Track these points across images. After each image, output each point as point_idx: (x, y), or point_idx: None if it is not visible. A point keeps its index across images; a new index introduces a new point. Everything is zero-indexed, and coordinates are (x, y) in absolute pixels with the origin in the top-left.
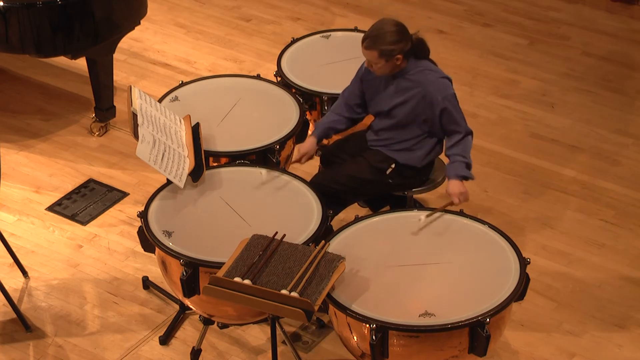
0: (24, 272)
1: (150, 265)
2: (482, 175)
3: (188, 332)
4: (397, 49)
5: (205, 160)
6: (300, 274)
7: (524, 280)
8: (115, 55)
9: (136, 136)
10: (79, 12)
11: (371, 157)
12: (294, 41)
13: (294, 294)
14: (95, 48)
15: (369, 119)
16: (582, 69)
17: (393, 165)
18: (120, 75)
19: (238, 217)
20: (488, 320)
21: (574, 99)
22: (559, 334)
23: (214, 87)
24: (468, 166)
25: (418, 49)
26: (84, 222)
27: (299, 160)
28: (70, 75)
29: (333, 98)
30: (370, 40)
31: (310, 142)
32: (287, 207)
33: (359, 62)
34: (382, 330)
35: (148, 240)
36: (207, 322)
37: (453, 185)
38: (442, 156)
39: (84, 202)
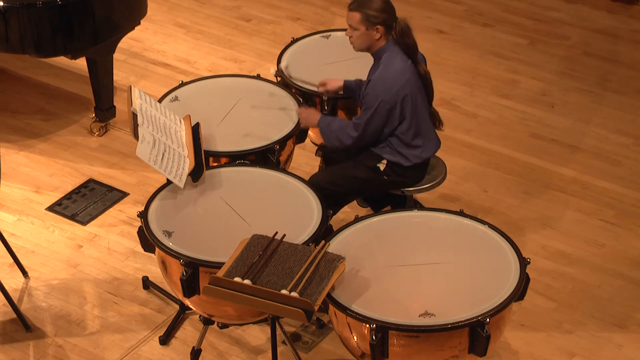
0: (24, 272)
1: (150, 265)
2: (482, 175)
3: (188, 332)
4: (380, 18)
5: (205, 160)
6: (300, 274)
7: (524, 280)
8: (115, 55)
9: (136, 136)
10: (79, 12)
11: (364, 156)
12: (294, 41)
13: (294, 294)
14: (95, 48)
15: None
16: (582, 69)
17: (385, 162)
18: (120, 75)
19: (238, 217)
20: (488, 320)
21: (574, 99)
22: (559, 334)
23: (214, 87)
24: (323, 128)
25: (401, 33)
26: (84, 222)
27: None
28: (70, 75)
29: (333, 98)
30: (357, 2)
31: (337, 80)
32: (287, 207)
33: (359, 62)
34: (382, 330)
35: (148, 240)
36: (207, 322)
37: (312, 114)
38: (439, 153)
39: (84, 202)
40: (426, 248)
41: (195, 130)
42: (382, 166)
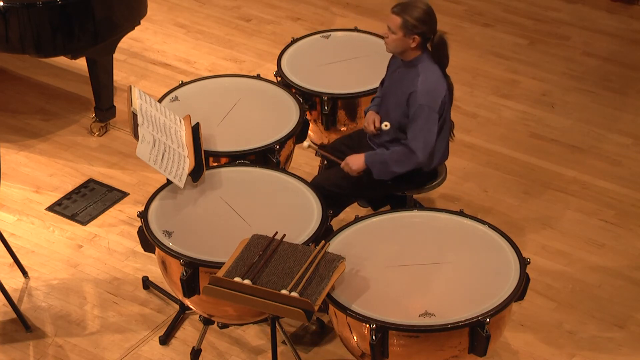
0: (24, 272)
1: (150, 265)
2: (482, 175)
3: (188, 332)
4: (419, 28)
5: (205, 160)
6: (300, 274)
7: (524, 280)
8: (115, 55)
9: (136, 136)
10: (79, 12)
11: None
12: (294, 41)
13: (294, 294)
14: (95, 48)
15: None
16: (582, 69)
17: None
18: (120, 75)
19: (238, 217)
20: (488, 320)
21: (574, 99)
22: (559, 334)
23: (214, 87)
24: (379, 164)
25: (436, 47)
26: (84, 222)
27: (373, 129)
28: (70, 75)
29: (333, 98)
30: (401, 7)
31: (370, 113)
32: (287, 207)
33: (359, 62)
34: (382, 330)
35: (148, 240)
36: (207, 322)
37: (356, 158)
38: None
39: (84, 202)
40: (426, 248)
41: (195, 130)
42: None
